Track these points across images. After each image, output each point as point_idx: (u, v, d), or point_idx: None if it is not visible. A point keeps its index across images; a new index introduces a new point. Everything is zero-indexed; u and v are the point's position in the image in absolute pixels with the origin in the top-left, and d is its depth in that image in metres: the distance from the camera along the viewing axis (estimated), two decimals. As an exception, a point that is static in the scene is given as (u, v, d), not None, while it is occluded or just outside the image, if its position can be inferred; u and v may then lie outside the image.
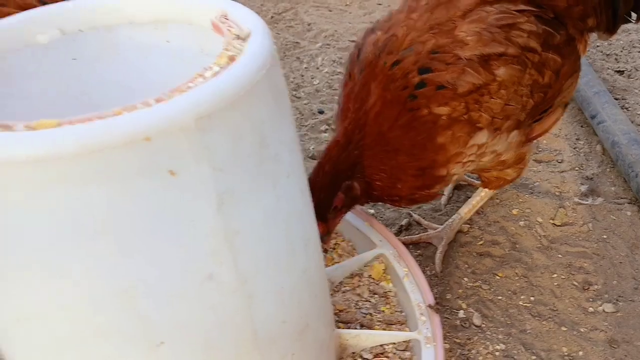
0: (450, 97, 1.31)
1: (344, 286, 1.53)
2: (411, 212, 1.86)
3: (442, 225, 1.77)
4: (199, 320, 0.86)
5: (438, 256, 1.69)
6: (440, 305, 1.54)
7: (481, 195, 1.71)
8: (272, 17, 3.28)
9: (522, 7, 1.42)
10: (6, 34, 1.03)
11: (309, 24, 3.18)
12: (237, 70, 0.81)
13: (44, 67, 1.11)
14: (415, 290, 1.41)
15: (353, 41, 3.06)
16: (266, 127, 0.87)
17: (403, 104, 1.34)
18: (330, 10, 3.35)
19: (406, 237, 1.77)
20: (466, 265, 1.71)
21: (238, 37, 0.92)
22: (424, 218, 1.85)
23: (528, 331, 1.53)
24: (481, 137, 1.36)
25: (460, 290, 1.64)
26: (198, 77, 0.81)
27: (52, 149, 0.69)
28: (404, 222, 1.83)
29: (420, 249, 1.76)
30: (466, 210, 1.74)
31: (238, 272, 0.87)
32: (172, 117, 0.72)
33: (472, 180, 1.94)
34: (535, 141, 1.64)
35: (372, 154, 1.36)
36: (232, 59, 0.85)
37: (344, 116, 1.42)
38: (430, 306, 1.36)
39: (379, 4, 3.41)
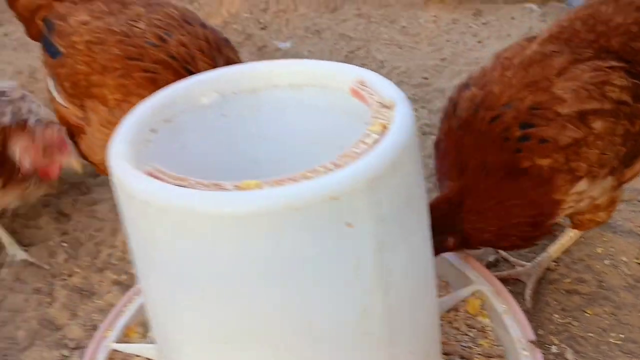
0: (552, 150, 1.43)
1: (441, 319, 1.64)
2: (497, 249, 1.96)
3: (528, 262, 1.86)
4: (354, 348, 1.01)
5: (528, 292, 1.78)
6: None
7: (570, 235, 1.79)
8: (346, 55, 3.46)
9: (613, 63, 1.53)
10: (178, 99, 1.22)
11: (381, 61, 3.35)
12: (394, 138, 0.96)
13: (201, 122, 1.30)
14: (514, 325, 1.51)
15: (426, 78, 3.21)
16: (412, 184, 1.01)
17: (507, 158, 1.46)
18: (400, 48, 3.51)
19: (495, 273, 1.86)
20: (555, 302, 1.80)
21: (383, 105, 1.07)
22: (510, 255, 1.94)
23: (620, 368, 1.60)
24: (581, 185, 1.47)
25: (551, 326, 1.72)
26: (360, 144, 0.97)
27: (258, 206, 0.86)
28: (491, 258, 1.93)
29: (509, 285, 1.84)
30: (554, 249, 1.83)
31: (387, 305, 1.01)
32: (352, 180, 0.88)
33: (557, 219, 2.02)
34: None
35: (482, 205, 1.48)
36: (384, 126, 1.00)
37: (447, 168, 1.54)
38: (531, 341, 1.46)
39: (448, 41, 3.54)
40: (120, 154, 1.00)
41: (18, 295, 2.00)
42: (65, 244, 2.20)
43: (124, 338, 1.66)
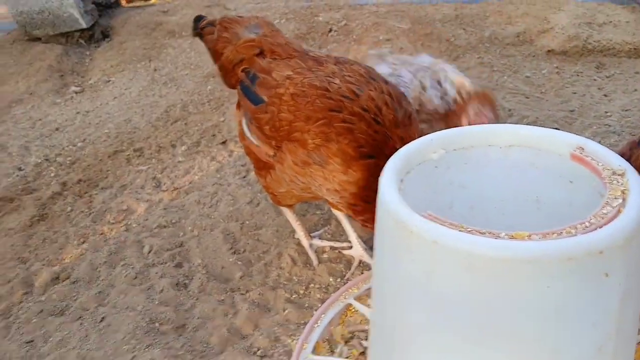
0: None
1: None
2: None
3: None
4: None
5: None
6: None
7: None
8: (472, 102, 3.64)
9: None
10: (415, 154, 1.46)
11: (509, 110, 3.51)
12: (638, 202, 1.14)
13: (420, 174, 1.52)
14: None
15: (557, 128, 3.34)
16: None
17: None
18: (527, 97, 3.65)
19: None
20: None
21: (614, 173, 1.25)
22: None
23: None
24: None
25: None
26: (607, 206, 1.16)
27: (534, 254, 1.06)
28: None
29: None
30: None
31: (616, 346, 1.17)
32: (613, 237, 1.06)
33: None
34: None
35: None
36: (623, 192, 1.19)
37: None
38: None
39: (574, 93, 3.66)
40: (396, 200, 1.24)
41: (205, 305, 2.29)
42: (239, 262, 2.50)
43: (315, 351, 1.90)
